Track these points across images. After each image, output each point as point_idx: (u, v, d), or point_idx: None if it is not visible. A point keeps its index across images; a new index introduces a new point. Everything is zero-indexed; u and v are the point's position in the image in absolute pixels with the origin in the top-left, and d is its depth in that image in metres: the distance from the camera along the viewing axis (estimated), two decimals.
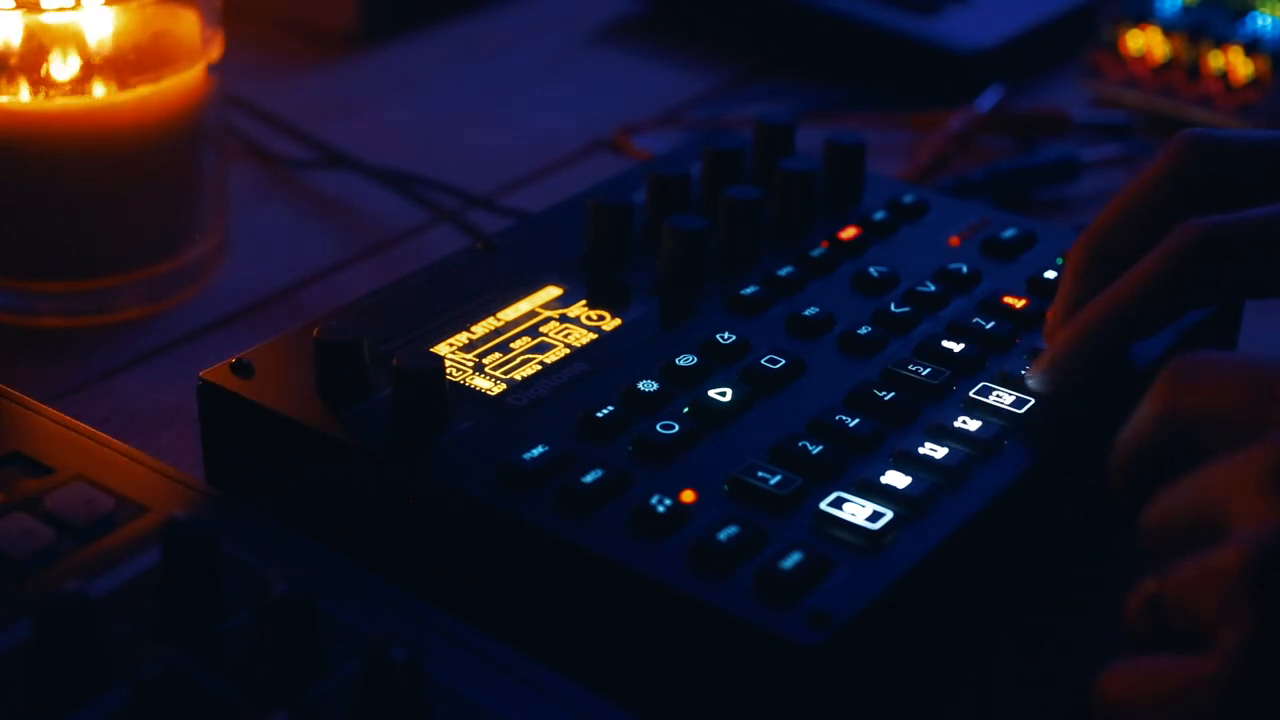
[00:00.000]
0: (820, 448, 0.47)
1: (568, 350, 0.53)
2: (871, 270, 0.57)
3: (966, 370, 0.52)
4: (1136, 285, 0.47)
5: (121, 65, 0.63)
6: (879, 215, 0.61)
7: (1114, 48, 0.84)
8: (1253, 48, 0.81)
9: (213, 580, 0.42)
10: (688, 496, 0.46)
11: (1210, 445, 0.40)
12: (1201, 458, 0.40)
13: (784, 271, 0.57)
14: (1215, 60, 0.81)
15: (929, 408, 0.50)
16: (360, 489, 0.49)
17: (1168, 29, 0.83)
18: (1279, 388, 0.40)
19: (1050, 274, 0.57)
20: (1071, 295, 0.50)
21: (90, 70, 0.62)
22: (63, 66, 0.62)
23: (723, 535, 0.44)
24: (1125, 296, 0.48)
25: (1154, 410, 0.42)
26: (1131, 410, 0.43)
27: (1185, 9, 0.85)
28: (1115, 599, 0.50)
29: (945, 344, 0.53)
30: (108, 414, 0.60)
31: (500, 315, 0.55)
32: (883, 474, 0.47)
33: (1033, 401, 0.50)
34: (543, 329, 0.54)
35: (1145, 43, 0.83)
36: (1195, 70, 0.82)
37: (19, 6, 0.62)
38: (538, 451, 0.47)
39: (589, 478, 0.46)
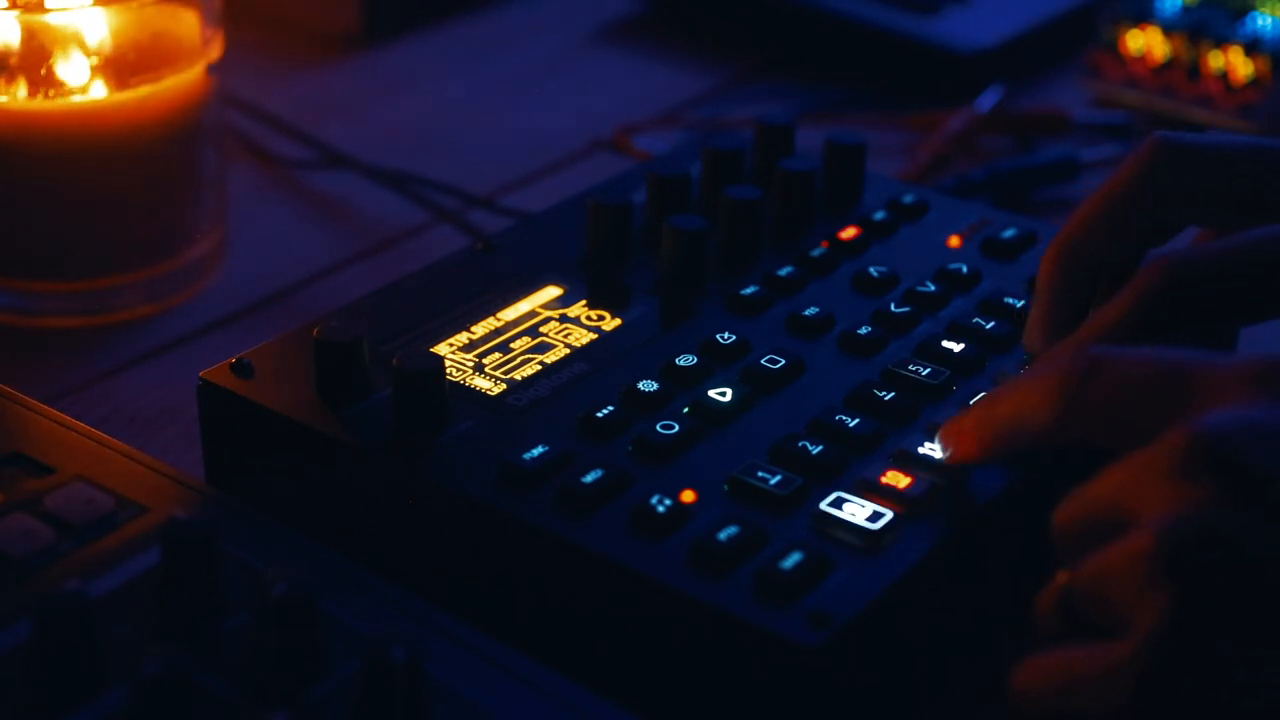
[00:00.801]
0: (820, 448, 0.47)
1: (568, 350, 0.53)
2: (871, 270, 0.57)
3: (966, 370, 0.52)
4: (1108, 323, 0.46)
5: (121, 65, 0.63)
6: (879, 215, 0.61)
7: (1114, 48, 0.84)
8: (1253, 48, 0.81)
9: (213, 580, 0.42)
10: (688, 496, 0.46)
11: (1111, 445, 0.41)
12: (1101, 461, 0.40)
13: (784, 271, 0.57)
14: (1215, 60, 0.81)
15: (929, 408, 0.50)
16: (360, 489, 0.49)
17: (1168, 29, 0.83)
18: (1181, 382, 0.40)
19: None
20: (1047, 303, 0.50)
21: (90, 70, 0.62)
22: (62, 67, 0.62)
23: (723, 535, 0.44)
24: (1096, 338, 0.47)
25: (1056, 404, 0.42)
26: None
27: (1185, 9, 0.85)
28: None
29: (945, 344, 0.53)
30: (108, 414, 0.60)
31: (500, 315, 0.55)
32: (883, 474, 0.47)
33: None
34: (543, 329, 0.54)
35: (1145, 43, 0.83)
36: (1195, 70, 0.82)
37: (19, 6, 0.62)
38: (538, 451, 0.47)
39: (589, 478, 0.46)
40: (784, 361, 0.52)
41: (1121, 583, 0.38)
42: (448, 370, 0.51)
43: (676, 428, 0.48)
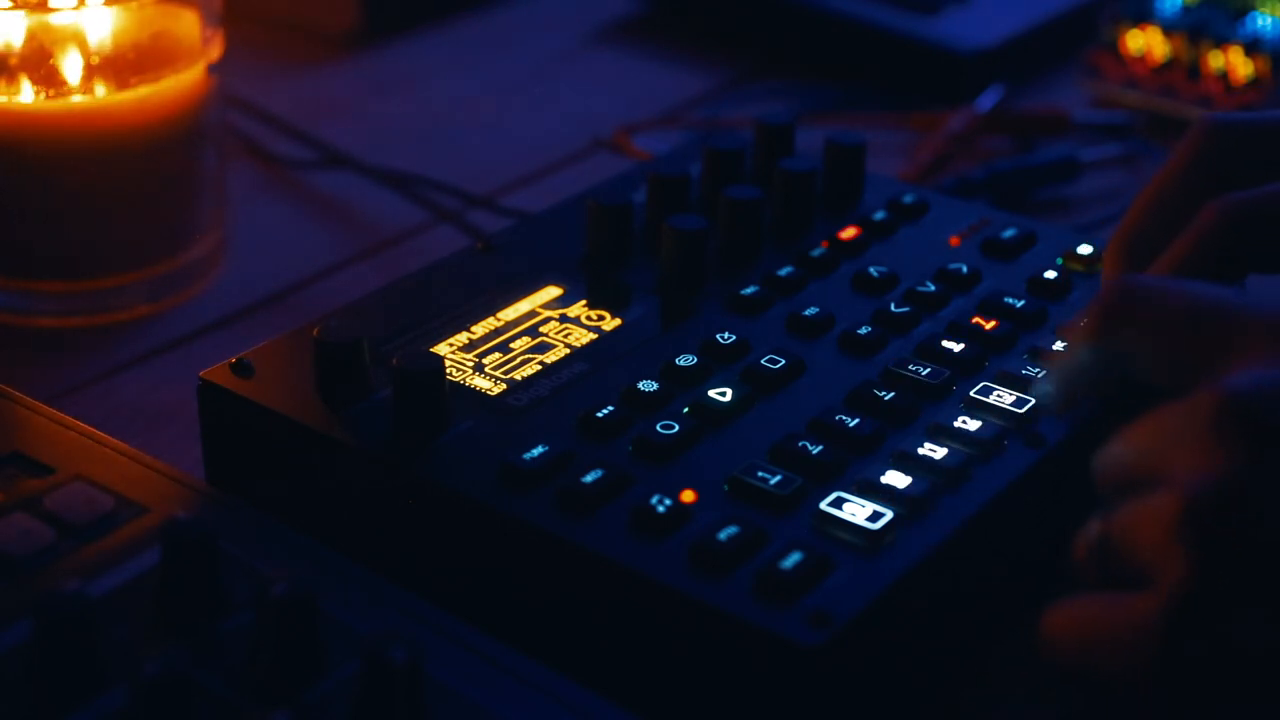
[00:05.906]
0: (820, 448, 0.47)
1: (568, 350, 0.53)
2: (871, 270, 0.57)
3: (966, 370, 0.52)
4: (1170, 267, 0.48)
5: (121, 65, 0.63)
6: (879, 215, 0.61)
7: (1114, 48, 0.84)
8: (1253, 48, 0.81)
9: (213, 580, 0.42)
10: (688, 496, 0.46)
11: (1149, 374, 0.42)
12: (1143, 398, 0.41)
13: (784, 271, 0.57)
14: (1215, 60, 0.81)
15: (929, 408, 0.50)
16: (360, 489, 0.49)
17: (1168, 29, 0.83)
18: (1218, 326, 0.40)
19: (1050, 274, 0.57)
20: None
21: (90, 70, 0.62)
22: (63, 66, 0.62)
23: (723, 535, 0.44)
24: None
25: (1094, 339, 0.43)
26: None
27: (1185, 9, 0.85)
28: None
29: (945, 344, 0.53)
30: (108, 414, 0.60)
31: (500, 315, 0.55)
32: (883, 474, 0.47)
33: (1033, 401, 0.50)
34: (543, 329, 0.54)
35: (1145, 43, 0.83)
36: (1195, 70, 0.82)
37: (19, 6, 0.62)
38: (538, 451, 0.47)
39: (589, 478, 0.46)
40: (784, 361, 0.52)
41: (1148, 539, 0.38)
42: (448, 370, 0.51)
43: (676, 428, 0.48)
